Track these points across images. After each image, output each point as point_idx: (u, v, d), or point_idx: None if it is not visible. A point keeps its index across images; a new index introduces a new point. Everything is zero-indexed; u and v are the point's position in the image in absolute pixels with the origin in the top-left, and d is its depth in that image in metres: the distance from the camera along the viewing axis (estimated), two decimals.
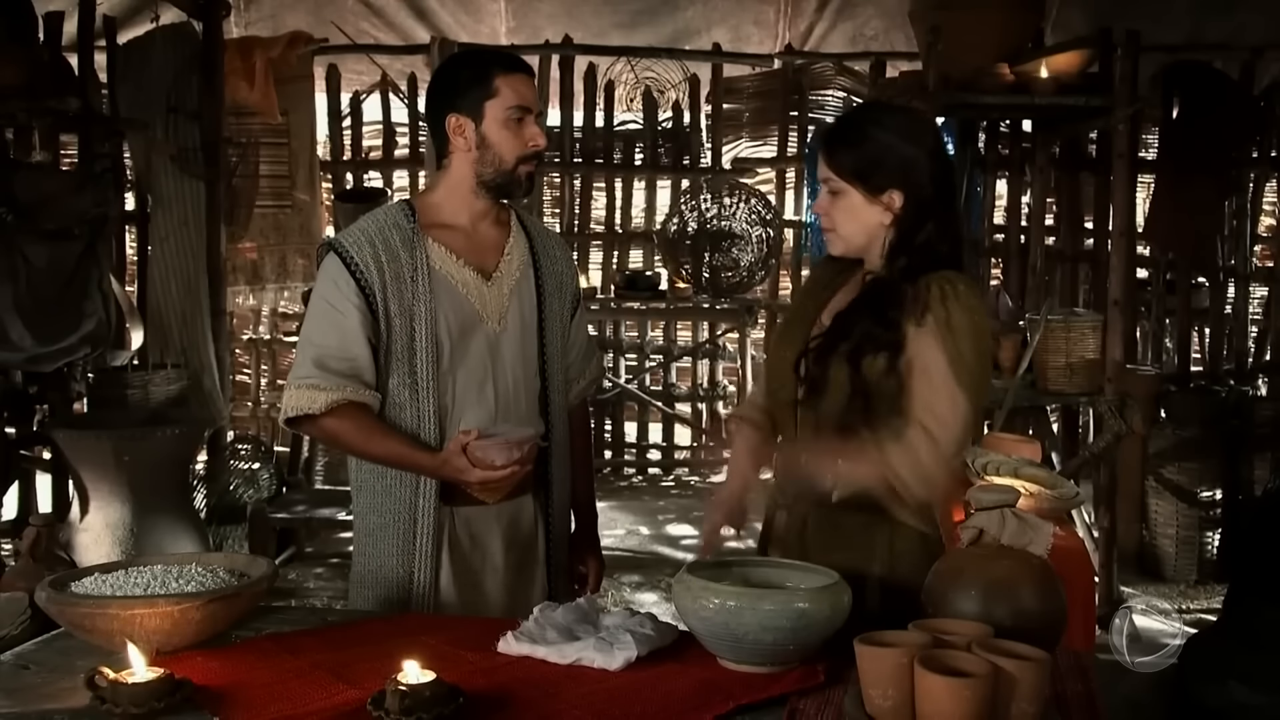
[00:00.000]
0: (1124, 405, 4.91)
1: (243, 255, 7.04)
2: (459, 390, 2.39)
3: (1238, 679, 3.51)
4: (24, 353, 4.62)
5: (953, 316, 2.04)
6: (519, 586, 2.50)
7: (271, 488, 6.08)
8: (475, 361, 2.40)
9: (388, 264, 2.35)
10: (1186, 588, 5.58)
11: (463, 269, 2.40)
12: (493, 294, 2.42)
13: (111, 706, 1.69)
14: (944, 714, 1.51)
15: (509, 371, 2.43)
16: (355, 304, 2.34)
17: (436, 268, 2.37)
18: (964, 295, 2.06)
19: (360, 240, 2.37)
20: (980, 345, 2.07)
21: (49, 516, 2.80)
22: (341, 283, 2.34)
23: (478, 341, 2.40)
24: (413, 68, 7.60)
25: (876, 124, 2.14)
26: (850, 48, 7.74)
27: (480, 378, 2.40)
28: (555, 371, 2.52)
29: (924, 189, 2.10)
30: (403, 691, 1.65)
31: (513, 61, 2.41)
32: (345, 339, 2.34)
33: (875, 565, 2.12)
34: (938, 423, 2.03)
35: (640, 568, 5.93)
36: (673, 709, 1.72)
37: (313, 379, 2.32)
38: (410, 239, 2.38)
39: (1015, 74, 5.18)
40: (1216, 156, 6.19)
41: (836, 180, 2.13)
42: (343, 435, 2.37)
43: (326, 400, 2.31)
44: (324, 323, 2.36)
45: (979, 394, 2.08)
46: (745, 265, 7.50)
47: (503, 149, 2.37)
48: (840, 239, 2.17)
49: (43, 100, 4.76)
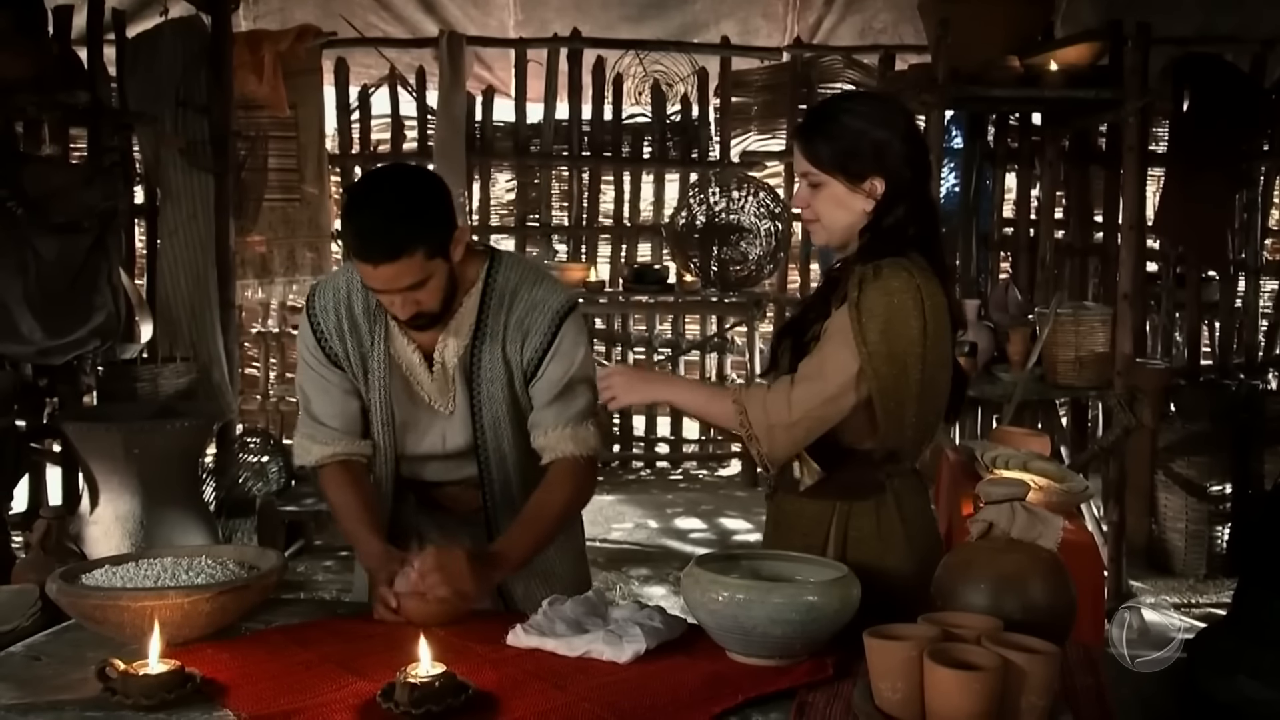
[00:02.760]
0: (1133, 399, 4.90)
1: (251, 248, 7.06)
2: (416, 453, 2.45)
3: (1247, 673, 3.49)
4: (34, 346, 4.63)
5: (865, 298, 2.03)
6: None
7: (280, 481, 6.10)
8: (427, 435, 2.43)
9: (349, 332, 2.37)
10: (1196, 582, 5.56)
11: (410, 352, 2.37)
12: (438, 380, 2.38)
13: (122, 698, 1.70)
14: (953, 707, 1.51)
15: (461, 444, 2.43)
16: (329, 368, 2.40)
17: (389, 349, 2.38)
18: (885, 278, 2.04)
19: (327, 305, 2.38)
20: (893, 329, 2.02)
21: (59, 509, 2.81)
22: (313, 349, 2.40)
23: (428, 418, 2.42)
24: (421, 61, 7.61)
25: (849, 112, 2.13)
26: (859, 41, 7.73)
27: (431, 448, 2.45)
28: (488, 420, 2.38)
29: (901, 172, 2.10)
30: (412, 684, 1.66)
31: (360, 249, 2.14)
32: (330, 399, 2.41)
33: (829, 549, 2.13)
34: (801, 384, 2.06)
35: (648, 561, 5.94)
36: (681, 701, 1.72)
37: (309, 430, 2.43)
38: (372, 309, 2.37)
39: (1025, 67, 5.15)
40: (1227, 150, 6.17)
41: (816, 173, 2.13)
42: (328, 494, 2.43)
43: (319, 455, 2.41)
44: (309, 379, 2.43)
45: (888, 379, 2.03)
46: (753, 259, 7.49)
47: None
48: (824, 229, 2.18)
49: (52, 94, 4.77)
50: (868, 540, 2.13)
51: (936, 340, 2.07)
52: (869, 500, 2.14)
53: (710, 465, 8.22)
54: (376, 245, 2.12)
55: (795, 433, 2.07)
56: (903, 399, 2.06)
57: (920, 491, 2.25)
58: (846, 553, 2.12)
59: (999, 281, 6.49)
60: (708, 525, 6.78)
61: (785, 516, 2.23)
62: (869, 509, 2.14)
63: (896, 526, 2.14)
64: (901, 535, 2.14)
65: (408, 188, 2.18)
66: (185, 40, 5.81)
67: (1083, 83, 5.13)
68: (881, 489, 2.14)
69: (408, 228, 2.14)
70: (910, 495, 2.19)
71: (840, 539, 2.14)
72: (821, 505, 2.16)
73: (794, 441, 2.09)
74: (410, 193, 2.17)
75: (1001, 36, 5.28)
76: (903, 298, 2.03)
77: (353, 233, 2.15)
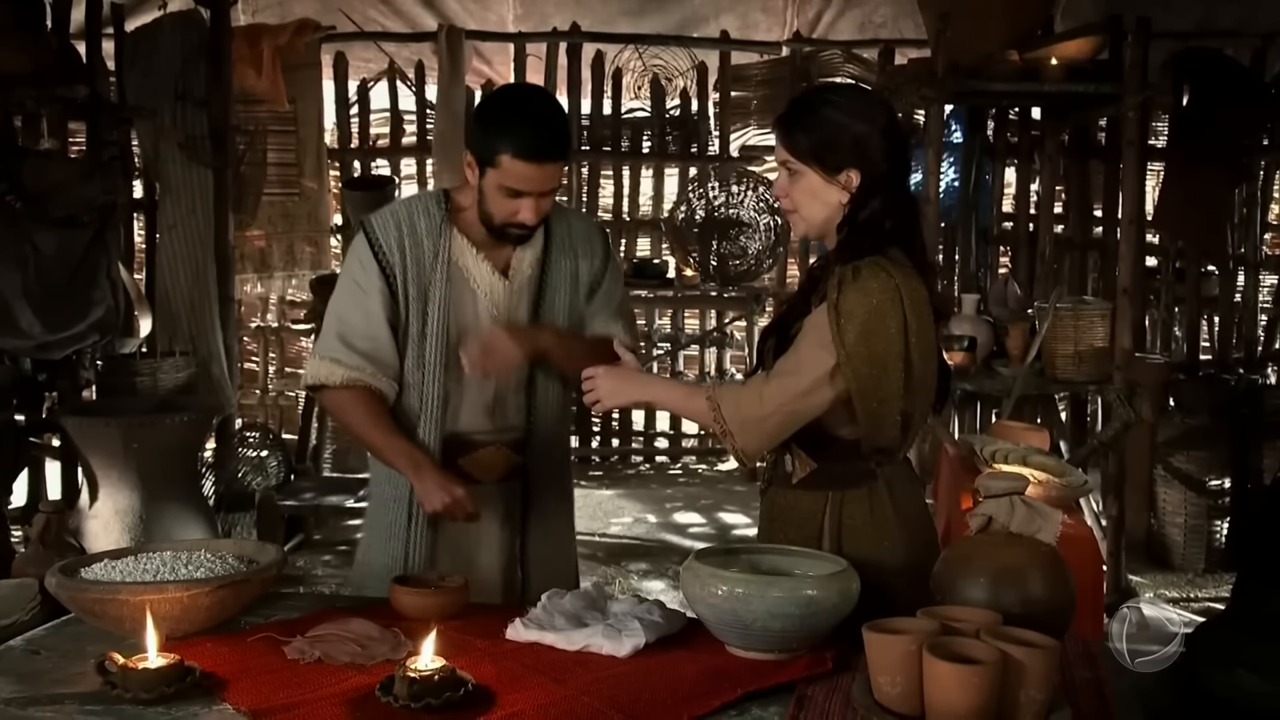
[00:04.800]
0: (1133, 393, 4.90)
1: (250, 243, 7.05)
2: (463, 377, 2.45)
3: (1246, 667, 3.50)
4: (33, 340, 4.63)
5: (843, 299, 2.03)
6: (512, 569, 2.56)
7: (280, 475, 6.10)
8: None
9: (410, 249, 2.43)
10: (1195, 576, 5.57)
11: (480, 263, 2.47)
12: (504, 290, 2.48)
13: (121, 691, 1.70)
14: (952, 701, 1.51)
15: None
16: (378, 285, 2.43)
17: (456, 260, 2.45)
18: (864, 279, 2.04)
19: (388, 223, 2.46)
20: (872, 330, 2.02)
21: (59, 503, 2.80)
22: (366, 263, 2.44)
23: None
24: (420, 55, 7.60)
25: (829, 104, 2.14)
26: (858, 35, 7.72)
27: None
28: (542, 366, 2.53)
29: (878, 166, 2.11)
30: (412, 678, 1.66)
31: (533, 148, 2.32)
32: (369, 319, 2.43)
33: (824, 539, 2.14)
34: (775, 379, 2.08)
35: (648, 555, 5.94)
36: (680, 695, 1.72)
37: (335, 353, 2.43)
38: (437, 228, 2.45)
39: (1024, 61, 5.15)
40: (1227, 144, 6.16)
41: (795, 162, 2.14)
42: (349, 413, 2.47)
43: (344, 376, 2.42)
44: (349, 300, 2.45)
45: (869, 380, 2.03)
46: (753, 253, 7.49)
47: (491, 206, 2.40)
48: (802, 220, 2.19)
49: (51, 88, 4.77)
50: (862, 529, 2.13)
51: (920, 337, 2.07)
52: (861, 488, 2.15)
53: (709, 460, 8.21)
54: (549, 143, 2.34)
55: (767, 427, 2.08)
56: (885, 398, 2.06)
57: (912, 480, 2.26)
58: (842, 542, 2.13)
59: (998, 276, 6.49)
60: (707, 520, 6.79)
61: (779, 510, 2.23)
62: (862, 497, 2.14)
63: (890, 514, 2.14)
64: (895, 523, 2.14)
65: (552, 100, 2.50)
66: (184, 34, 5.80)
67: (1083, 77, 5.13)
68: (873, 477, 2.15)
69: (564, 133, 2.43)
70: (902, 483, 2.19)
71: (835, 529, 2.14)
72: (815, 496, 2.16)
73: (766, 436, 2.10)
74: (556, 104, 2.48)
75: (1001, 31, 5.28)
76: (881, 299, 2.03)
77: (525, 133, 2.32)
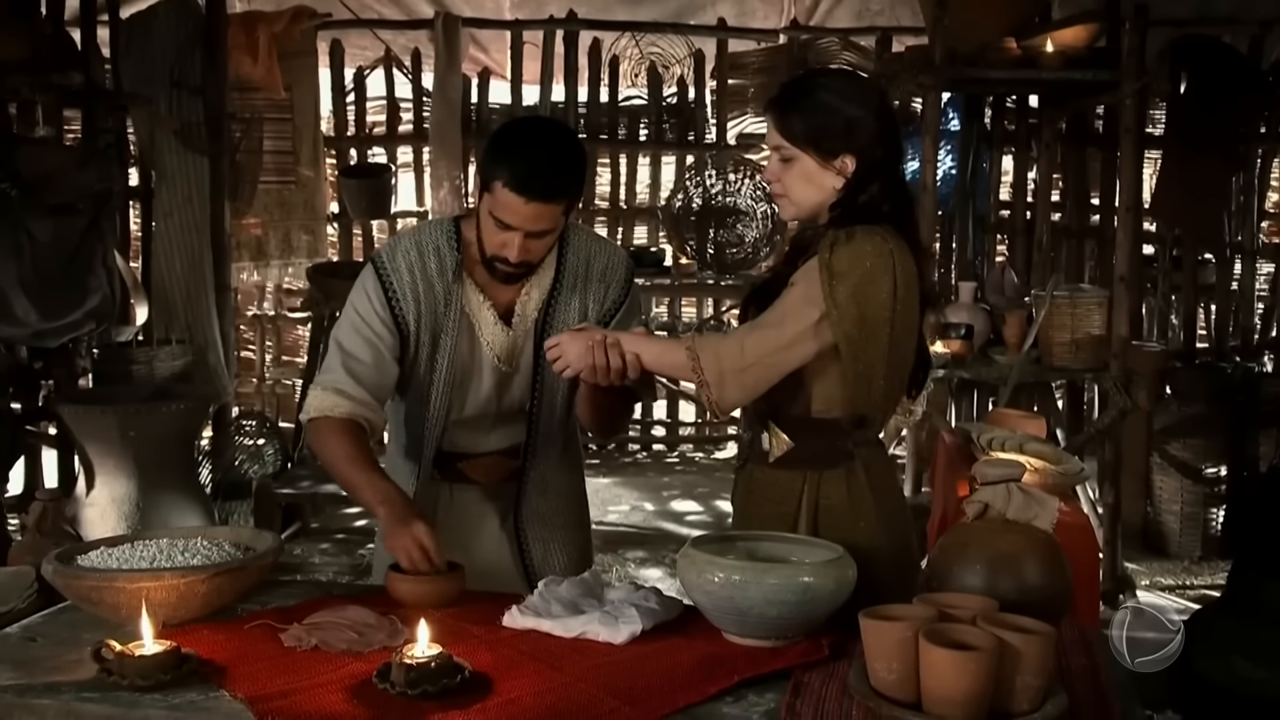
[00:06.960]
0: (1129, 381, 4.90)
1: (247, 231, 7.04)
2: (465, 415, 2.47)
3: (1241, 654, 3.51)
4: (29, 328, 4.62)
5: (835, 259, 2.03)
6: (513, 563, 2.55)
7: (276, 463, 6.09)
8: (484, 395, 2.46)
9: (424, 294, 2.39)
10: (1190, 564, 5.58)
11: (486, 311, 2.42)
12: (509, 337, 2.44)
13: (118, 679, 1.70)
14: (948, 687, 1.51)
15: (515, 404, 2.50)
16: (388, 328, 2.39)
17: (464, 307, 2.41)
18: (858, 241, 2.04)
19: (400, 266, 2.40)
20: (864, 291, 2.02)
21: (55, 491, 2.81)
22: (377, 304, 2.39)
23: (489, 378, 2.45)
24: (416, 43, 7.58)
25: (824, 89, 2.13)
26: (856, 23, 7.70)
27: (484, 408, 2.48)
28: (546, 395, 2.49)
29: (873, 151, 2.10)
30: (408, 664, 1.66)
31: (524, 182, 2.20)
32: (377, 358, 2.39)
33: (801, 518, 2.14)
34: (757, 330, 2.08)
35: (645, 543, 5.95)
36: (677, 682, 1.73)
37: (340, 385, 2.36)
38: (448, 270, 2.40)
39: (1022, 48, 5.13)
40: (1224, 132, 6.16)
41: (789, 147, 2.13)
42: (334, 446, 2.35)
43: (348, 410, 2.35)
44: (357, 336, 2.39)
45: (858, 342, 2.03)
46: (750, 241, 7.49)
47: (484, 235, 2.32)
48: (792, 204, 2.19)
49: (46, 75, 4.75)
50: (839, 509, 2.14)
51: (906, 306, 2.07)
52: (839, 468, 2.15)
53: (706, 448, 8.22)
54: (538, 182, 2.21)
55: (745, 379, 2.07)
56: (872, 361, 2.06)
57: (887, 463, 2.26)
58: (818, 520, 2.13)
59: (995, 264, 6.49)
60: (704, 507, 6.79)
61: (757, 485, 2.24)
62: (839, 477, 2.15)
63: (866, 495, 2.14)
64: (871, 504, 2.14)
65: (570, 142, 2.34)
66: (180, 21, 5.78)
67: (1080, 64, 5.11)
68: (850, 457, 2.15)
69: (566, 177, 2.26)
70: (878, 466, 2.20)
71: (812, 508, 2.15)
72: (792, 475, 2.17)
73: (743, 388, 2.08)
74: (571, 147, 2.32)
75: (998, 18, 5.26)
76: (875, 261, 2.03)
77: (519, 165, 2.21)
